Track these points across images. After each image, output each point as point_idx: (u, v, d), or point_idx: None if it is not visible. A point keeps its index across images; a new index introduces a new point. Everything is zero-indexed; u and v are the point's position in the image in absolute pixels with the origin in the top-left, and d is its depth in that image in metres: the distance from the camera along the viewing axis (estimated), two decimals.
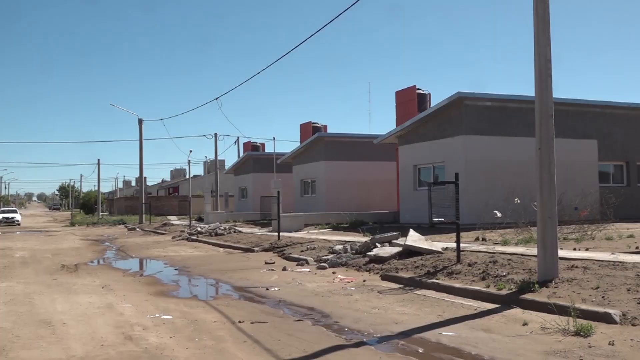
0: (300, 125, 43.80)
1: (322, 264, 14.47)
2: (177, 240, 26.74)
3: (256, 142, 51.16)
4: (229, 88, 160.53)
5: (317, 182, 37.27)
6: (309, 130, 41.58)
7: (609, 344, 6.15)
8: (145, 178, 53.76)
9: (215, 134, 48.83)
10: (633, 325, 6.79)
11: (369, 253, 14.26)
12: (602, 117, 27.01)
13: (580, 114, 26.33)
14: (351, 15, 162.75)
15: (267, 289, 11.28)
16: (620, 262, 10.01)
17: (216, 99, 29.64)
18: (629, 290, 8.04)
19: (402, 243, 13.79)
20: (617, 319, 7.01)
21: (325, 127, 43.06)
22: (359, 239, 17.88)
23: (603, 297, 7.85)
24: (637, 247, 13.01)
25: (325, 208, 34.45)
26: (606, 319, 7.06)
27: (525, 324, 7.31)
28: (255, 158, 47.25)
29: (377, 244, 14.96)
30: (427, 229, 17.79)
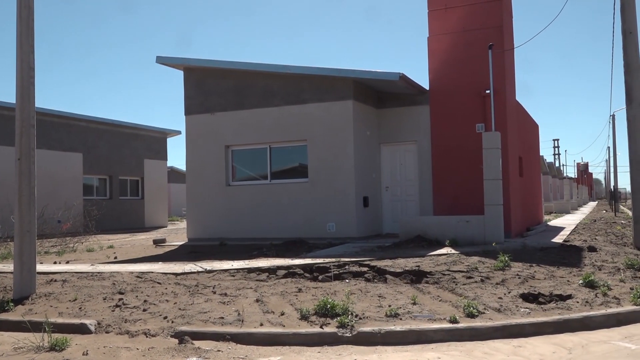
0: None
1: None
2: None
3: None
4: None
5: None
6: None
7: (84, 354, 6.24)
8: None
9: None
10: (107, 332, 7.07)
11: None
12: (88, 131, 27.82)
13: (67, 127, 26.51)
14: None
15: None
16: (99, 273, 10.37)
17: None
18: (105, 299, 8.38)
19: None
20: (93, 328, 7.19)
21: None
22: None
23: (80, 308, 7.95)
24: (115, 257, 13.77)
25: None
26: (82, 329, 7.16)
27: None
28: None
29: None
30: None
